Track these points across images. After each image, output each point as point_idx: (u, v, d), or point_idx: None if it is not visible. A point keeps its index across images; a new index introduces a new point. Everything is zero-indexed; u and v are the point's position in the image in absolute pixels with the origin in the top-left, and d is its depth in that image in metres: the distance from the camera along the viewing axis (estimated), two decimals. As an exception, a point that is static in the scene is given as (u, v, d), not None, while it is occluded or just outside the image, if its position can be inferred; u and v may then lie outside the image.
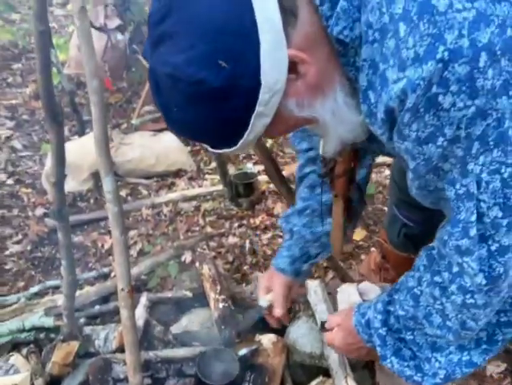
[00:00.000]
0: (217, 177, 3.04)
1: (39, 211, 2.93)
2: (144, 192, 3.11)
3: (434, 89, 0.69)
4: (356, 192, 1.22)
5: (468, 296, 0.86)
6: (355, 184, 1.20)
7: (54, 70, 3.72)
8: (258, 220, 2.79)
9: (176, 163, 3.25)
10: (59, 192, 1.42)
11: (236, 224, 2.78)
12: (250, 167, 3.05)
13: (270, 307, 1.36)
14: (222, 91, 0.73)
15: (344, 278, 2.07)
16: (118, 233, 0.95)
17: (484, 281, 0.82)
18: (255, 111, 0.76)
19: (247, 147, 0.86)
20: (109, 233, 2.72)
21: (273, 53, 0.72)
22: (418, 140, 0.76)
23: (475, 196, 0.77)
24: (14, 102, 4.15)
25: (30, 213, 2.93)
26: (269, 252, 2.56)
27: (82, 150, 2.89)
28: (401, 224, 1.80)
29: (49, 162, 3.10)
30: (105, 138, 0.94)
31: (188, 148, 3.43)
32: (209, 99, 0.74)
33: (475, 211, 0.79)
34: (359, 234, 2.55)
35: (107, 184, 0.91)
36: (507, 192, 0.75)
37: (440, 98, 0.69)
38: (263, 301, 1.37)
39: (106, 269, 2.50)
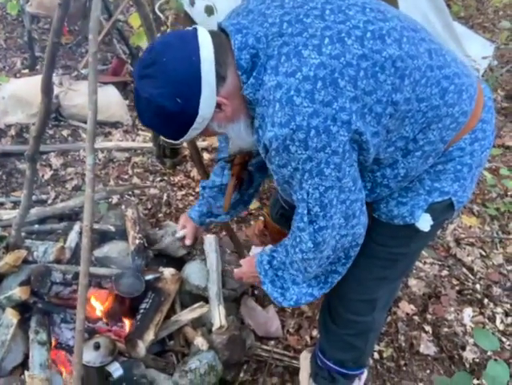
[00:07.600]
0: (148, 135, 3.41)
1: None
2: (84, 135, 3.40)
3: (287, 142, 1.20)
4: (247, 175, 1.83)
5: (304, 254, 1.45)
6: (247, 171, 1.80)
7: (14, 1, 3.93)
8: (176, 179, 3.21)
9: (114, 115, 3.58)
10: (36, 143, 1.91)
11: (158, 179, 3.20)
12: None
13: (183, 238, 2.10)
14: (175, 114, 1.24)
15: (232, 237, 2.57)
16: (90, 190, 1.41)
17: (312, 245, 1.38)
18: (192, 127, 1.28)
19: (185, 142, 1.45)
20: (49, 166, 3.13)
21: (208, 99, 1.25)
22: (278, 165, 1.29)
23: (306, 200, 1.31)
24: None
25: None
26: (181, 205, 3.03)
27: (35, 88, 3.17)
28: (280, 206, 2.35)
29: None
30: (93, 129, 1.44)
31: (127, 102, 3.75)
32: (166, 116, 1.25)
33: (306, 208, 1.33)
34: (253, 205, 3.05)
35: (89, 160, 1.43)
36: (322, 199, 1.29)
37: (290, 146, 1.21)
38: (179, 233, 2.12)
39: (44, 196, 2.87)
